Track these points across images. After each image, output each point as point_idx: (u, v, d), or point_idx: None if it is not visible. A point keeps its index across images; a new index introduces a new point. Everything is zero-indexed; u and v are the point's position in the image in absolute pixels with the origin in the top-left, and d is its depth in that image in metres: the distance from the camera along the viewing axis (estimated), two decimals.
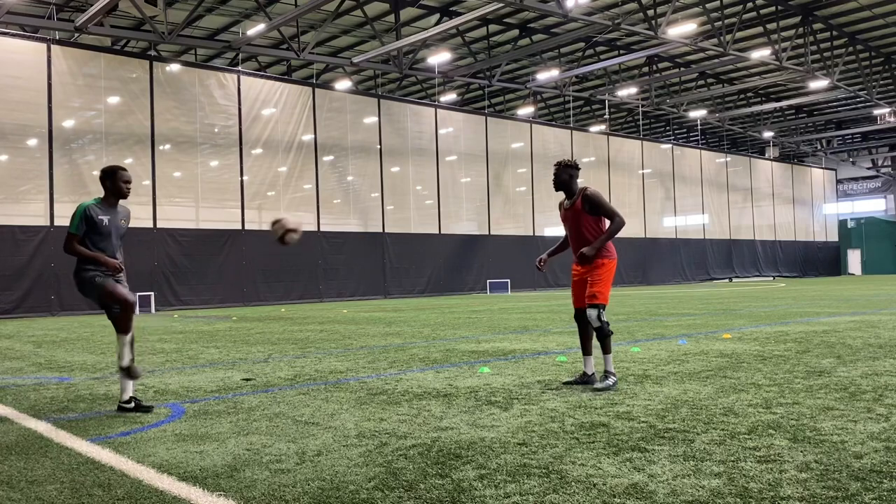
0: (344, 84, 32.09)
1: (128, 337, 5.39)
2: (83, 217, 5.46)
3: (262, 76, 29.15)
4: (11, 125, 22.22)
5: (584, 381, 6.04)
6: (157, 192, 24.70)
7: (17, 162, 22.64)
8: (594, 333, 6.03)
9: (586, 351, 6.15)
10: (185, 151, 25.61)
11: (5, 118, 22.06)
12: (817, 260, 54.52)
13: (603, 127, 43.08)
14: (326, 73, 36.00)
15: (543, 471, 3.55)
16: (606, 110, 43.38)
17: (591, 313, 5.89)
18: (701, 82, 40.00)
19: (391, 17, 28.67)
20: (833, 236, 56.70)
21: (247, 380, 6.96)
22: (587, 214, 6.10)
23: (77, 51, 23.65)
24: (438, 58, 30.55)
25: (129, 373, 5.37)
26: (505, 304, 21.60)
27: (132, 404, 5.40)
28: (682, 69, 37.18)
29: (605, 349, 5.91)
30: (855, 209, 58.45)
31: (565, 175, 6.14)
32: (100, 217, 5.48)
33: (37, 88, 22.45)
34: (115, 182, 5.55)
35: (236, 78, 26.99)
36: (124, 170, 5.61)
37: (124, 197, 5.61)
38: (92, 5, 22.37)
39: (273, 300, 26.99)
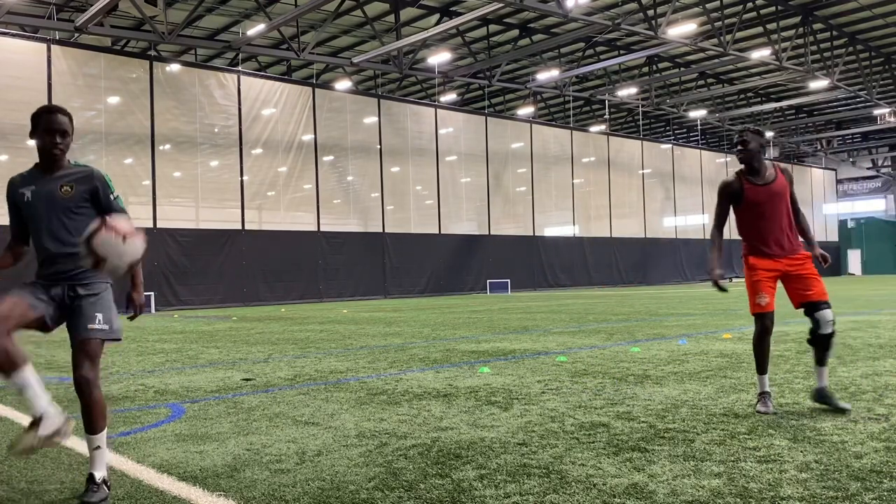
0: (344, 84, 32.09)
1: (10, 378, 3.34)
2: (6, 196, 3.58)
3: (262, 76, 29.16)
4: (11, 125, 22.22)
5: (824, 399, 4.81)
6: (157, 192, 24.70)
7: (17, 162, 22.61)
8: (823, 341, 4.82)
9: (821, 361, 4.86)
10: (185, 151, 25.61)
11: (5, 118, 22.06)
12: (817, 260, 54.46)
13: (603, 127, 43.08)
14: (326, 73, 36.00)
15: (543, 471, 3.55)
16: (606, 110, 43.37)
17: (829, 314, 4.79)
18: (701, 82, 40.00)
19: (391, 17, 28.66)
20: (833, 236, 56.69)
21: (247, 380, 6.96)
22: (788, 195, 4.99)
23: (77, 51, 23.66)
24: (438, 58, 30.54)
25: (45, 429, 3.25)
26: (505, 304, 21.59)
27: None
28: (682, 69, 37.18)
29: (826, 360, 4.87)
30: (855, 209, 58.42)
31: (756, 144, 4.95)
32: (20, 191, 3.53)
33: (37, 88, 22.44)
34: (37, 134, 3.48)
35: (236, 78, 26.99)
36: (55, 111, 3.49)
37: (51, 157, 3.47)
38: (92, 5, 22.36)
39: (273, 300, 26.98)
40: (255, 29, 25.55)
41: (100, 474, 3.32)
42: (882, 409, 4.78)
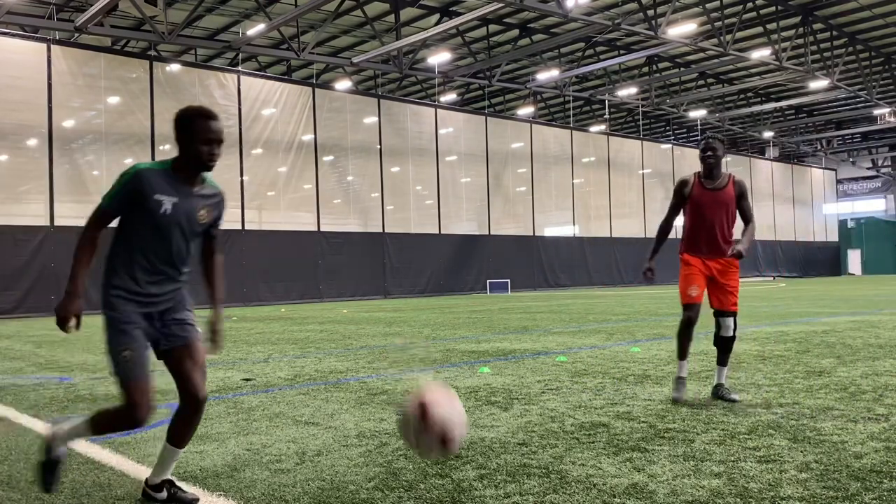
0: (344, 84, 32.09)
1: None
2: (130, 187, 3.06)
3: (262, 76, 29.16)
4: (11, 125, 22.22)
5: (718, 394, 5.34)
6: None
7: (17, 162, 22.64)
8: (723, 343, 5.43)
9: (722, 362, 5.45)
10: None
11: (5, 118, 22.06)
12: (817, 260, 54.50)
13: (603, 127, 43.07)
14: (326, 73, 35.99)
15: (543, 471, 3.55)
16: (606, 110, 43.37)
17: (731, 322, 5.38)
18: (701, 82, 39.99)
19: (391, 17, 28.66)
20: (833, 236, 56.69)
21: (247, 380, 6.96)
22: (734, 204, 5.44)
23: (77, 51, 23.65)
24: (438, 58, 30.54)
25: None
26: (505, 304, 21.59)
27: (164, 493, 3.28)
28: (682, 69, 37.18)
29: (727, 361, 5.44)
30: (855, 209, 58.43)
31: (721, 151, 5.43)
32: (157, 197, 3.07)
33: (37, 88, 22.45)
34: (192, 138, 3.09)
35: (236, 78, 27.00)
36: (210, 116, 3.11)
37: (206, 168, 3.15)
38: (92, 5, 22.36)
39: (273, 300, 26.98)
40: (255, 29, 25.55)
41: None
42: (882, 409, 4.78)
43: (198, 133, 3.08)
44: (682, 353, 5.44)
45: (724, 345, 5.42)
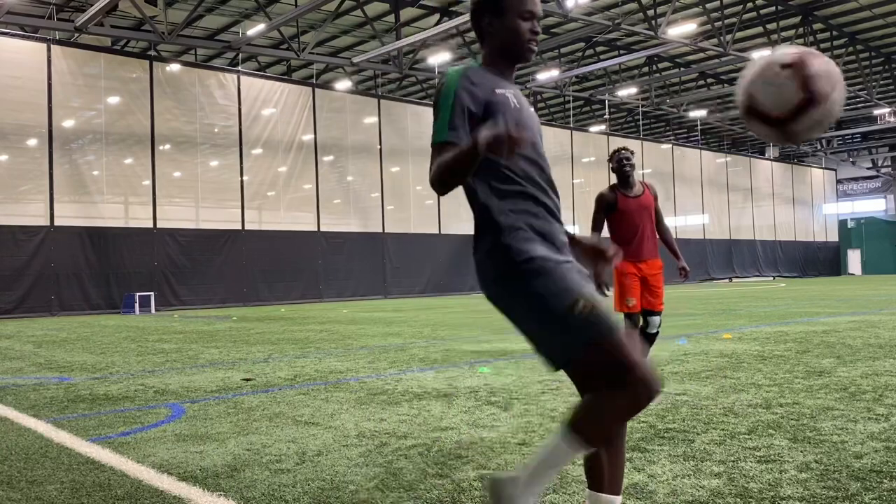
0: (344, 84, 32.10)
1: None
2: (462, 94, 2.28)
3: (262, 76, 29.16)
4: (11, 125, 22.22)
5: None
6: (157, 192, 24.70)
7: (17, 162, 22.63)
8: (649, 339, 5.97)
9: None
10: (185, 151, 25.61)
11: (5, 118, 22.06)
12: (817, 260, 54.49)
13: (603, 127, 43.07)
14: (326, 73, 36.00)
15: None
16: (606, 110, 43.38)
17: (658, 321, 5.89)
18: (701, 82, 40.00)
19: (391, 17, 28.66)
20: (833, 236, 56.68)
21: (247, 380, 6.96)
22: (653, 208, 5.79)
23: (77, 51, 23.65)
24: (438, 58, 30.54)
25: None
26: None
27: None
28: (682, 69, 37.18)
29: (647, 354, 5.98)
30: (855, 209, 58.42)
31: (634, 161, 5.80)
32: (500, 92, 2.36)
33: (37, 88, 22.45)
34: (505, 11, 2.44)
35: (236, 78, 27.00)
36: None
37: (528, 54, 2.48)
38: (92, 5, 22.36)
39: (273, 300, 26.98)
40: (255, 29, 25.55)
41: None
42: (882, 409, 4.78)
43: (514, 5, 2.40)
44: None
45: (649, 341, 5.93)
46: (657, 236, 5.90)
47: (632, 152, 5.83)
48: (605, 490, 2.33)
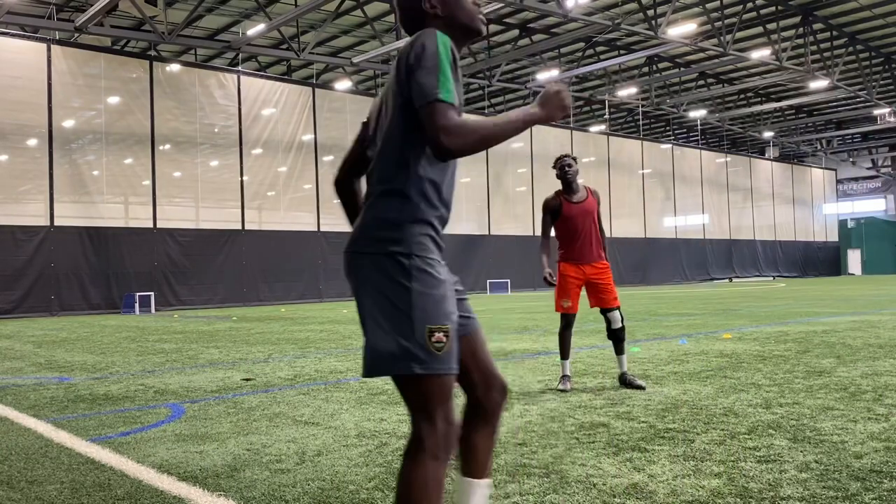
0: (344, 84, 32.09)
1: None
2: (454, 61, 2.07)
3: (262, 76, 29.16)
4: (11, 125, 22.23)
5: (624, 382, 5.94)
6: (157, 192, 24.71)
7: (17, 162, 22.64)
8: (616, 335, 6.03)
9: (619, 351, 6.06)
10: (185, 151, 25.62)
11: (5, 118, 22.07)
12: (817, 260, 54.52)
13: (603, 127, 43.07)
14: (326, 73, 36.00)
15: (543, 471, 3.55)
16: (606, 110, 43.39)
17: (618, 315, 5.98)
18: (701, 82, 40.00)
19: (391, 17, 28.67)
20: (833, 236, 56.69)
21: (247, 380, 6.96)
22: (596, 212, 6.05)
23: (77, 51, 23.66)
24: None
25: None
26: (505, 305, 21.59)
27: None
28: (682, 69, 37.17)
29: (623, 350, 6.04)
30: (855, 209, 58.44)
31: (577, 167, 6.00)
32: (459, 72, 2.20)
33: (37, 88, 22.46)
34: None
35: (236, 78, 27.00)
36: None
37: (480, 31, 2.28)
38: (92, 5, 22.37)
39: (273, 300, 26.98)
40: (255, 29, 25.55)
41: None
42: (882, 409, 4.78)
43: None
44: (564, 354, 5.98)
45: (616, 336, 5.99)
46: (601, 239, 6.10)
47: (574, 159, 6.03)
48: (472, 475, 2.42)
